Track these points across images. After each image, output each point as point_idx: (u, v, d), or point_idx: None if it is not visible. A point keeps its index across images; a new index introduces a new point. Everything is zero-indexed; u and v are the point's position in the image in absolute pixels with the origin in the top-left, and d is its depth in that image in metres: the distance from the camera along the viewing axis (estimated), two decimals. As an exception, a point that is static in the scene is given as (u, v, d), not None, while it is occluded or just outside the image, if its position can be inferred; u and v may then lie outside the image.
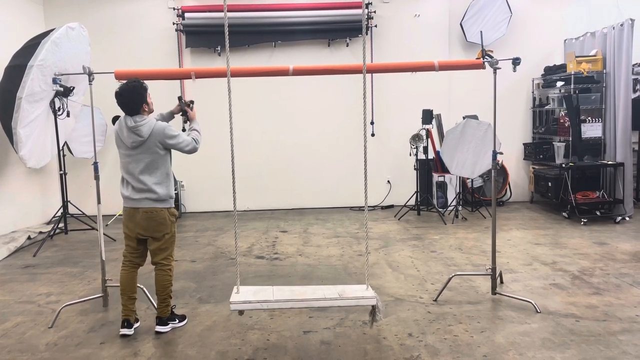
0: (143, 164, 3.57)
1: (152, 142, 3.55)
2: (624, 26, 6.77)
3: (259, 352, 3.38)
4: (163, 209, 3.62)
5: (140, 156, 3.57)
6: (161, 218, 3.62)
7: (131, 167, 3.60)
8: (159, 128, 3.56)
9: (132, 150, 3.57)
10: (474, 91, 8.01)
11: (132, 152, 3.58)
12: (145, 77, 4.58)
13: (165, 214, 3.64)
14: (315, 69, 4.59)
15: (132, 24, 7.97)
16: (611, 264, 5.04)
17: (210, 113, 7.96)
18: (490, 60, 4.02)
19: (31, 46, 5.98)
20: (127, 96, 3.56)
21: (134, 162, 3.59)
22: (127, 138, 3.57)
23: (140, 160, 3.57)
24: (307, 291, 3.38)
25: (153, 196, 3.58)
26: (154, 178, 3.58)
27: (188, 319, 3.91)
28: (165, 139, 3.57)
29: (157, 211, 3.60)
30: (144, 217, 3.60)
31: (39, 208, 7.44)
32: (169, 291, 3.73)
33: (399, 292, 4.40)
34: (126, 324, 3.69)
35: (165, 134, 3.57)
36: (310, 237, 6.45)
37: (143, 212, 3.59)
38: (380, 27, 8.03)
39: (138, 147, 3.55)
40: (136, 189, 3.59)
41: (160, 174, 3.61)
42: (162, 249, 3.69)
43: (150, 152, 3.57)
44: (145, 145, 3.55)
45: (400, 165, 8.18)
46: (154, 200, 3.59)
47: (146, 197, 3.58)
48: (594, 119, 7.29)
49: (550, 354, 3.23)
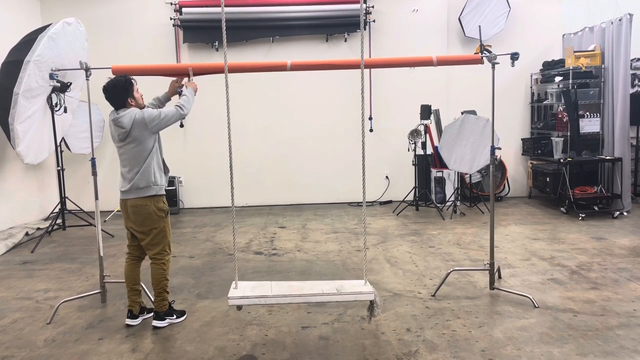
0: (128, 155, 3.61)
1: (137, 132, 3.57)
2: (622, 21, 6.76)
3: (257, 347, 3.38)
4: (149, 204, 3.63)
5: (126, 147, 3.61)
6: (146, 213, 3.63)
7: (121, 160, 3.67)
8: (139, 116, 3.58)
9: (120, 142, 3.63)
10: (472, 86, 8.00)
11: (120, 144, 3.64)
12: (142, 72, 4.56)
13: (152, 209, 3.64)
14: (313, 64, 4.56)
15: (129, 19, 7.94)
16: (609, 258, 5.05)
17: (208, 109, 7.97)
18: (488, 55, 4.01)
19: (28, 41, 5.95)
20: (112, 91, 3.64)
21: (123, 154, 3.64)
22: (113, 132, 3.64)
23: (126, 151, 3.62)
24: (306, 286, 3.38)
25: (137, 187, 3.61)
26: (137, 168, 3.61)
27: (187, 315, 3.91)
28: (148, 122, 3.58)
29: (142, 206, 3.62)
30: (131, 211, 3.65)
31: (37, 204, 7.43)
32: (164, 285, 3.73)
33: (397, 288, 4.41)
34: (129, 314, 3.76)
35: (145, 118, 3.58)
36: (308, 232, 6.45)
37: (130, 206, 3.65)
38: (378, 22, 8.01)
39: (124, 139, 3.59)
40: (126, 180, 3.65)
41: (147, 164, 3.62)
42: (152, 244, 3.71)
43: (137, 142, 3.58)
44: (130, 137, 3.58)
45: (398, 161, 8.18)
46: (139, 189, 3.61)
47: (131, 188, 3.62)
48: (592, 114, 7.30)
49: (548, 349, 3.24)
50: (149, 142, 3.62)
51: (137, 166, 3.61)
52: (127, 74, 3.78)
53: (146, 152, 3.62)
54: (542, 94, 8.25)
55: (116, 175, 8.62)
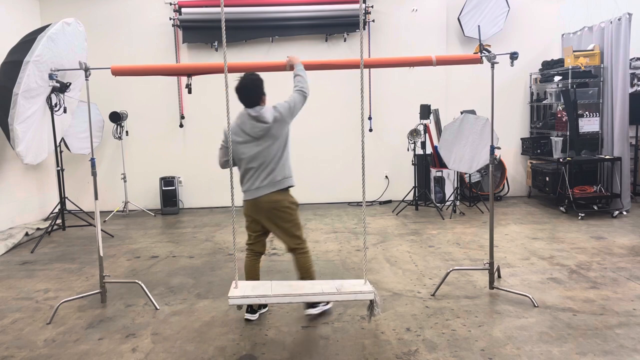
0: (264, 150, 3.56)
1: (277, 126, 3.56)
2: (621, 20, 6.76)
3: (257, 347, 3.38)
4: (286, 197, 3.64)
5: (263, 143, 3.55)
6: (284, 206, 3.63)
7: (246, 158, 3.58)
8: (277, 110, 3.57)
9: (254, 139, 3.56)
10: (471, 86, 8.01)
11: (255, 142, 3.56)
12: (142, 72, 4.56)
13: (288, 201, 3.65)
14: (312, 64, 4.56)
15: (128, 19, 7.94)
16: (608, 258, 5.06)
17: (207, 109, 7.98)
18: (487, 55, 4.01)
19: (27, 42, 5.95)
20: (252, 88, 3.56)
21: (258, 150, 3.56)
22: (252, 128, 3.55)
23: (262, 147, 3.56)
24: (306, 286, 3.38)
25: (274, 180, 3.59)
26: (274, 162, 3.58)
27: (186, 315, 3.91)
28: (285, 115, 3.57)
29: (280, 200, 3.60)
30: (268, 207, 3.59)
31: (37, 204, 7.43)
32: (313, 272, 3.74)
33: (397, 287, 4.41)
34: (249, 309, 3.77)
35: (282, 112, 3.57)
36: (308, 232, 6.45)
37: (265, 202, 3.59)
38: (377, 22, 8.01)
39: (264, 135, 3.55)
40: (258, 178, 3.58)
41: (285, 157, 3.62)
42: (292, 235, 3.70)
43: (274, 137, 3.56)
44: (270, 131, 3.55)
45: (398, 161, 8.18)
46: (275, 183, 3.59)
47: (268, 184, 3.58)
48: (591, 114, 7.30)
49: (547, 348, 3.24)
50: (285, 135, 3.62)
51: (274, 160, 3.58)
52: (129, 74, 3.77)
53: (283, 145, 3.60)
54: (542, 94, 8.26)
55: (116, 175, 8.61)
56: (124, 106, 7.68)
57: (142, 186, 8.10)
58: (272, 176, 3.58)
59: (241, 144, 3.58)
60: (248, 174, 3.61)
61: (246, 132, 3.57)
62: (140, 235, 6.58)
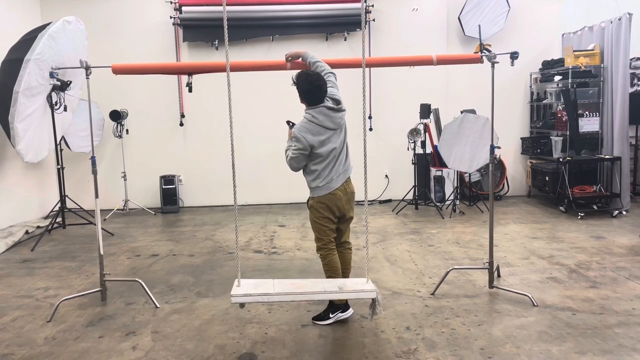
0: (341, 139, 3.70)
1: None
2: (621, 20, 6.77)
3: (257, 345, 3.39)
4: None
5: (340, 133, 3.69)
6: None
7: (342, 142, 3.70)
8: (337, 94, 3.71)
9: (338, 129, 3.65)
10: (471, 85, 8.01)
11: (339, 131, 3.66)
12: (142, 71, 4.57)
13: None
14: (313, 63, 4.58)
15: (129, 18, 7.94)
16: (608, 257, 5.06)
17: (207, 107, 7.98)
18: (488, 55, 4.02)
19: (28, 40, 5.95)
20: (324, 84, 3.63)
21: (340, 142, 3.67)
22: (334, 120, 3.61)
23: (340, 137, 3.68)
24: (308, 284, 3.38)
25: (349, 168, 3.74)
26: (346, 150, 3.74)
27: (186, 313, 3.92)
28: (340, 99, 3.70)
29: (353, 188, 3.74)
30: (352, 196, 3.71)
31: (37, 202, 7.43)
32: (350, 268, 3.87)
33: (396, 286, 4.42)
34: (344, 307, 3.74)
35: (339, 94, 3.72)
36: (308, 231, 6.45)
37: (350, 192, 3.70)
38: (378, 21, 8.01)
39: (343, 121, 3.69)
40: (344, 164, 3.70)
41: (347, 145, 3.77)
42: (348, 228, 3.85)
43: (344, 125, 3.71)
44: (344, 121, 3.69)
45: (398, 160, 8.18)
46: (349, 171, 3.73)
47: (348, 172, 3.70)
48: (591, 113, 7.31)
49: (547, 347, 3.25)
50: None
51: (346, 146, 3.70)
52: (129, 72, 3.78)
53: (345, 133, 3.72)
54: (542, 93, 8.26)
55: (116, 173, 8.61)
56: (125, 105, 7.68)
57: (142, 184, 8.10)
58: (347, 162, 3.71)
59: (325, 141, 3.58)
60: (329, 166, 3.61)
61: (328, 127, 3.58)
62: (141, 233, 6.58)
